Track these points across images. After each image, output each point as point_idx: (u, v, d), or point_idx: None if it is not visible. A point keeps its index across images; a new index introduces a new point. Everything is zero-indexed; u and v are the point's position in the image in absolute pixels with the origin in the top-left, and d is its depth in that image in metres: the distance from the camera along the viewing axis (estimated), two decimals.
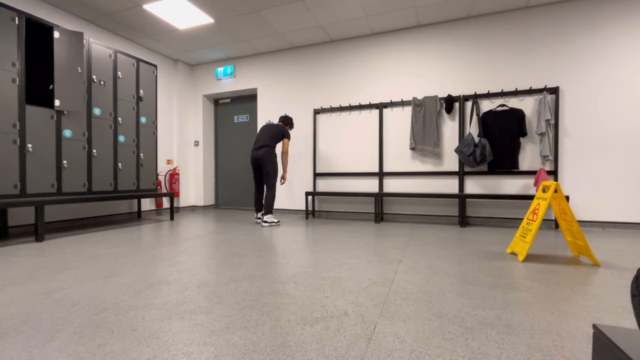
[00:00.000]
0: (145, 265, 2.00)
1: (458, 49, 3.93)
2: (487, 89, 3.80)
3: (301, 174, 4.77)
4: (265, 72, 5.02)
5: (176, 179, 5.10)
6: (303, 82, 4.74)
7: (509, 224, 3.73)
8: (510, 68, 3.72)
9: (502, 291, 1.55)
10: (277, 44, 4.71)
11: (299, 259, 2.17)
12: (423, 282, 1.68)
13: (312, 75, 4.69)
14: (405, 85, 4.18)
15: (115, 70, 3.68)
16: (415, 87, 4.13)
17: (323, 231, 3.34)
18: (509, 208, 3.72)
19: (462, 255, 2.27)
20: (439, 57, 4.01)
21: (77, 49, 3.21)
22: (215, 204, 5.83)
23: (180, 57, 5.19)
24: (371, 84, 4.36)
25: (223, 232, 3.25)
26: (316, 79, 4.67)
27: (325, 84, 4.62)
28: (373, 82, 4.35)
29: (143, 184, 3.99)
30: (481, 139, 3.62)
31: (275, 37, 4.46)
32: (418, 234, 3.17)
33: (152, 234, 3.16)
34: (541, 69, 3.60)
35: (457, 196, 3.64)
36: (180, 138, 5.33)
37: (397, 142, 4.20)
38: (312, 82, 4.69)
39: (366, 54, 4.38)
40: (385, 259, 2.16)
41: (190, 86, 5.55)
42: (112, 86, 3.65)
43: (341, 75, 4.52)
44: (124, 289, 1.59)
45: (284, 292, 1.54)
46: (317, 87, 4.67)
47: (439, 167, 4.00)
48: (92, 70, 3.45)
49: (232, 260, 2.12)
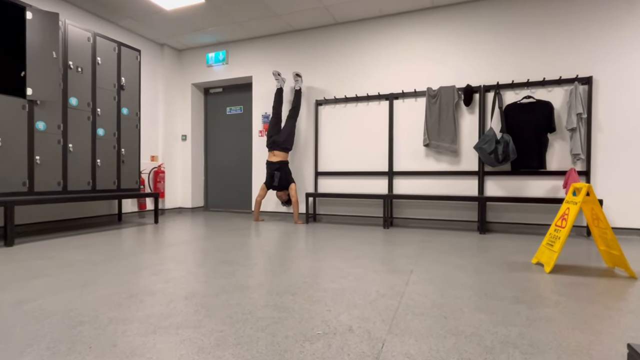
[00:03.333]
0: (126, 274, 2.01)
1: (478, 33, 3.92)
2: (511, 79, 3.78)
3: (301, 173, 4.78)
4: (262, 59, 5.02)
5: (161, 177, 5.12)
6: (304, 70, 4.75)
7: (535, 230, 3.72)
8: (537, 55, 3.70)
9: (527, 306, 1.55)
10: (275, 27, 4.71)
11: (298, 268, 2.17)
12: (437, 295, 1.68)
13: (314, 62, 4.69)
14: (418, 74, 4.18)
15: (94, 55, 3.69)
16: (430, 76, 4.13)
17: (325, 237, 3.33)
18: (534, 213, 3.71)
19: (481, 265, 2.26)
20: (457, 43, 4.00)
21: (52, 31, 3.23)
22: (204, 205, 5.84)
23: (167, 41, 5.20)
24: (380, 73, 4.35)
25: (213, 238, 3.25)
26: (318, 67, 4.67)
27: (329, 72, 4.62)
28: (382, 70, 4.34)
29: (124, 183, 4.00)
30: (504, 134, 3.61)
31: (273, 19, 4.46)
32: (432, 241, 3.16)
33: (135, 239, 3.16)
34: (572, 56, 3.59)
35: (477, 199, 3.63)
36: (166, 132, 5.34)
37: (409, 138, 4.20)
38: (314, 70, 4.70)
39: (375, 39, 4.37)
40: (394, 268, 2.16)
41: (177, 74, 5.57)
42: (91, 73, 3.66)
43: (347, 63, 4.52)
44: (103, 299, 1.60)
45: (281, 304, 1.55)
46: (319, 76, 4.67)
47: (456, 166, 3.99)
48: (69, 56, 3.46)
49: (223, 269, 2.12)
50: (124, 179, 4.00)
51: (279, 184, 4.34)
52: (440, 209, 4.07)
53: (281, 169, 4.33)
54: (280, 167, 4.33)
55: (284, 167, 4.37)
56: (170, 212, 5.38)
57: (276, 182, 4.32)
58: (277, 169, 4.32)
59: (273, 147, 4.38)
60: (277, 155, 4.37)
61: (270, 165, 4.38)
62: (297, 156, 4.79)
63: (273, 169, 4.34)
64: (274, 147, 4.38)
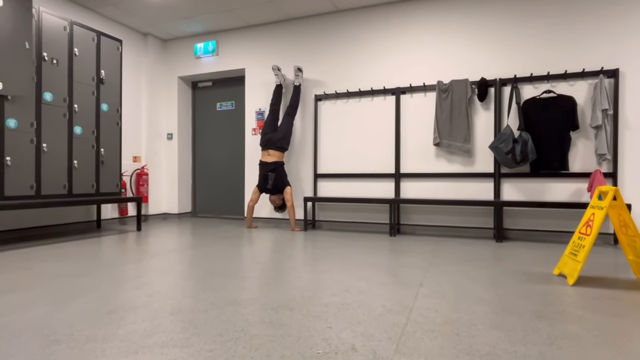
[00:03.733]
0: (106, 287, 2.01)
1: (493, 22, 3.94)
2: (530, 71, 3.80)
3: (299, 175, 4.78)
4: (255, 50, 5.04)
5: (144, 180, 5.12)
6: (302, 61, 4.76)
7: (557, 238, 3.72)
8: (558, 45, 3.72)
9: (548, 322, 1.55)
10: (270, 15, 4.73)
11: (295, 280, 2.17)
12: (449, 310, 1.68)
13: (312, 53, 4.71)
14: (428, 66, 4.20)
15: (71, 46, 3.70)
16: (441, 69, 4.14)
17: (325, 245, 3.33)
18: (556, 219, 3.72)
19: (497, 276, 2.26)
20: (470, 32, 4.02)
21: (25, 19, 3.24)
22: (192, 211, 5.84)
23: (151, 30, 5.22)
24: (386, 65, 4.37)
25: (202, 246, 3.25)
26: (318, 59, 4.69)
27: (329, 64, 4.63)
28: (388, 62, 4.36)
29: (104, 186, 4.01)
30: (522, 132, 3.62)
31: (268, 6, 4.48)
32: (443, 249, 3.16)
33: (115, 248, 3.16)
34: (597, 46, 3.61)
35: (492, 203, 3.64)
36: (150, 130, 5.35)
37: (417, 137, 4.21)
38: (312, 62, 4.71)
39: (380, 28, 4.39)
40: (402, 280, 2.16)
41: (163, 66, 5.58)
42: (67, 66, 3.67)
43: (349, 54, 4.54)
44: (79, 315, 1.60)
45: (277, 321, 1.55)
46: (319, 69, 4.69)
47: (469, 167, 4.00)
48: (43, 46, 3.47)
49: (213, 282, 2.12)
50: (103, 181, 4.00)
51: (272, 187, 4.34)
52: (453, 214, 4.07)
53: (276, 170, 4.34)
54: (275, 168, 4.34)
55: (279, 168, 4.37)
56: (154, 219, 5.37)
57: (270, 184, 4.33)
58: (271, 170, 4.33)
59: (268, 146, 4.39)
60: (271, 154, 4.37)
61: (263, 166, 4.39)
62: (294, 156, 4.80)
63: (267, 170, 4.35)
64: (269, 145, 4.39)
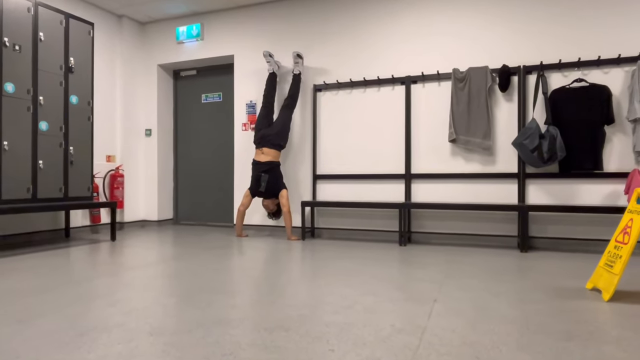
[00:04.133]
0: (76, 305, 2.00)
1: (516, 1, 3.94)
2: (558, 57, 3.80)
3: (296, 176, 4.78)
4: (246, 34, 5.04)
5: (120, 182, 5.11)
6: (299, 47, 4.76)
7: (590, 247, 3.72)
8: (590, 27, 3.72)
9: (580, 343, 1.54)
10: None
11: (292, 296, 2.16)
12: (468, 329, 1.68)
13: (311, 38, 4.71)
14: (442, 52, 4.19)
15: (36, 30, 3.70)
16: (457, 55, 4.14)
17: (326, 256, 3.32)
18: (589, 225, 3.71)
19: (523, 291, 2.26)
20: (490, 13, 4.03)
21: None
22: (174, 217, 5.83)
23: (127, 11, 5.22)
24: (394, 51, 4.37)
25: (185, 258, 3.24)
26: (317, 44, 4.69)
27: (330, 50, 4.63)
28: (397, 47, 4.36)
29: (73, 190, 3.99)
30: (550, 127, 3.62)
31: None
32: (461, 261, 3.15)
33: (86, 260, 3.14)
34: (635, 29, 3.61)
35: (516, 208, 3.63)
36: (126, 125, 5.34)
37: (430, 132, 4.21)
38: (311, 47, 4.72)
39: (388, 9, 4.40)
40: (414, 296, 2.15)
41: (140, 53, 5.58)
42: (32, 52, 3.66)
43: (352, 39, 4.54)
44: (46, 337, 1.59)
45: (272, 343, 1.54)
46: (318, 55, 4.69)
47: (489, 167, 4.00)
48: (4, 31, 3.47)
49: (198, 298, 2.11)
50: (72, 184, 3.99)
51: (266, 190, 4.34)
52: (471, 220, 4.07)
53: (270, 171, 4.34)
54: (269, 169, 4.34)
55: (275, 169, 4.37)
56: (131, 226, 5.36)
57: (263, 187, 4.32)
58: (265, 171, 4.33)
59: (262, 144, 4.39)
60: (266, 153, 4.37)
61: (257, 166, 4.39)
62: (291, 155, 4.80)
63: (260, 171, 4.35)
64: (263, 143, 4.39)
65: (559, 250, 3.66)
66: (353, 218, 4.52)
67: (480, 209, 3.70)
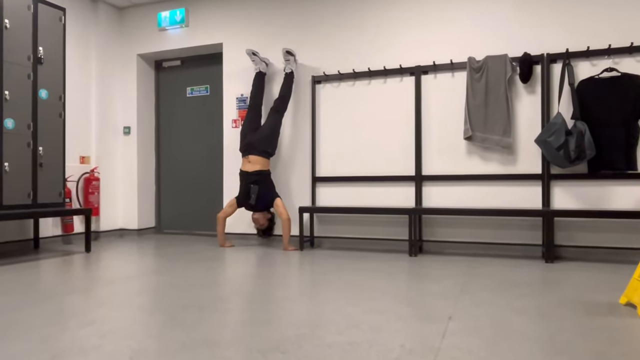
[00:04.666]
0: (46, 325, 1.99)
1: None
2: (586, 44, 3.80)
3: (292, 179, 4.77)
4: (236, 19, 5.04)
5: (95, 187, 5.10)
6: (296, 34, 4.77)
7: (623, 257, 3.70)
8: (622, 10, 3.72)
9: None
10: None
11: (290, 313, 2.16)
12: (486, 350, 1.67)
13: (309, 24, 4.72)
14: (455, 39, 4.20)
15: (0, 16, 3.69)
16: (472, 42, 4.14)
17: (327, 269, 3.31)
18: (622, 232, 3.70)
19: (547, 307, 2.25)
20: None
21: None
22: (156, 226, 5.81)
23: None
24: (402, 38, 4.37)
25: (169, 271, 3.23)
26: (315, 30, 4.69)
27: (330, 37, 4.63)
28: (405, 34, 4.36)
29: (43, 196, 3.98)
30: (577, 122, 3.61)
31: None
32: (478, 273, 3.14)
33: (58, 274, 3.13)
34: None
35: (540, 213, 3.62)
36: (103, 123, 5.34)
37: (443, 129, 4.21)
38: (308, 34, 4.72)
39: None
40: (426, 313, 2.15)
41: (118, 41, 5.58)
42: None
43: (355, 25, 4.54)
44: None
45: None
46: (316, 43, 4.69)
47: (510, 167, 4.00)
48: None
49: (184, 317, 2.11)
50: (42, 189, 3.97)
51: (257, 203, 4.34)
52: (490, 227, 4.06)
53: (260, 181, 4.34)
54: (258, 180, 4.34)
55: (265, 178, 4.39)
56: (107, 236, 5.34)
57: (253, 199, 4.33)
58: (254, 182, 4.33)
59: (248, 151, 4.41)
60: (253, 162, 4.38)
61: (245, 176, 4.40)
62: (286, 155, 4.80)
63: (249, 182, 4.35)
64: (249, 150, 4.40)
65: (588, 260, 3.66)
66: (357, 225, 4.51)
67: (499, 214, 3.69)
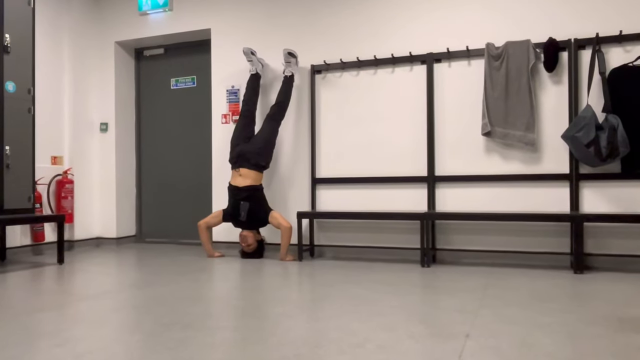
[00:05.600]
0: (14, 344, 1.98)
1: None
2: (618, 29, 3.80)
3: (289, 180, 4.78)
4: (226, 2, 5.04)
5: (68, 190, 5.09)
6: (291, 18, 4.77)
7: None
8: None
9: None
10: None
11: (287, 331, 2.15)
12: None
13: (308, 7, 4.72)
14: (472, 23, 4.20)
15: None
16: (491, 26, 4.14)
17: (329, 281, 3.30)
18: None
19: (577, 323, 2.24)
20: None
21: None
22: (137, 234, 5.81)
23: None
24: (412, 22, 4.37)
25: (152, 285, 3.22)
26: (315, 14, 4.69)
27: (332, 21, 4.64)
28: (415, 18, 4.36)
29: (10, 201, 3.97)
30: (609, 116, 3.61)
31: None
32: (498, 285, 3.13)
33: (27, 289, 3.12)
34: None
35: (568, 218, 3.62)
36: (77, 118, 5.34)
37: (458, 123, 4.21)
38: (307, 18, 4.72)
39: None
40: (440, 331, 2.14)
41: (94, 27, 5.57)
42: None
43: (360, 9, 4.54)
44: None
45: None
46: (316, 28, 4.69)
47: (534, 166, 4.00)
48: None
49: (169, 336, 2.10)
50: (9, 193, 3.96)
51: (247, 220, 4.36)
52: (511, 234, 4.06)
53: (251, 198, 4.35)
54: (249, 196, 4.35)
55: (256, 194, 4.39)
56: (83, 245, 5.33)
57: (243, 216, 4.34)
58: (244, 198, 4.34)
59: (239, 163, 4.41)
60: (244, 175, 4.38)
61: (234, 192, 4.40)
62: (282, 154, 4.80)
63: (239, 198, 4.36)
64: (240, 162, 4.40)
65: (623, 270, 3.64)
66: (362, 232, 4.51)
67: (522, 219, 3.70)
